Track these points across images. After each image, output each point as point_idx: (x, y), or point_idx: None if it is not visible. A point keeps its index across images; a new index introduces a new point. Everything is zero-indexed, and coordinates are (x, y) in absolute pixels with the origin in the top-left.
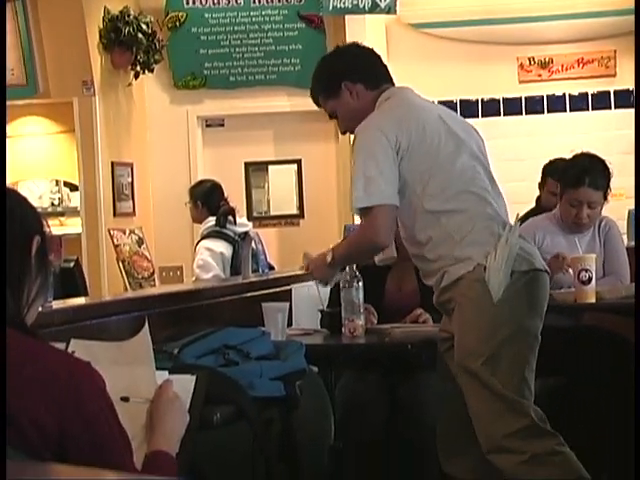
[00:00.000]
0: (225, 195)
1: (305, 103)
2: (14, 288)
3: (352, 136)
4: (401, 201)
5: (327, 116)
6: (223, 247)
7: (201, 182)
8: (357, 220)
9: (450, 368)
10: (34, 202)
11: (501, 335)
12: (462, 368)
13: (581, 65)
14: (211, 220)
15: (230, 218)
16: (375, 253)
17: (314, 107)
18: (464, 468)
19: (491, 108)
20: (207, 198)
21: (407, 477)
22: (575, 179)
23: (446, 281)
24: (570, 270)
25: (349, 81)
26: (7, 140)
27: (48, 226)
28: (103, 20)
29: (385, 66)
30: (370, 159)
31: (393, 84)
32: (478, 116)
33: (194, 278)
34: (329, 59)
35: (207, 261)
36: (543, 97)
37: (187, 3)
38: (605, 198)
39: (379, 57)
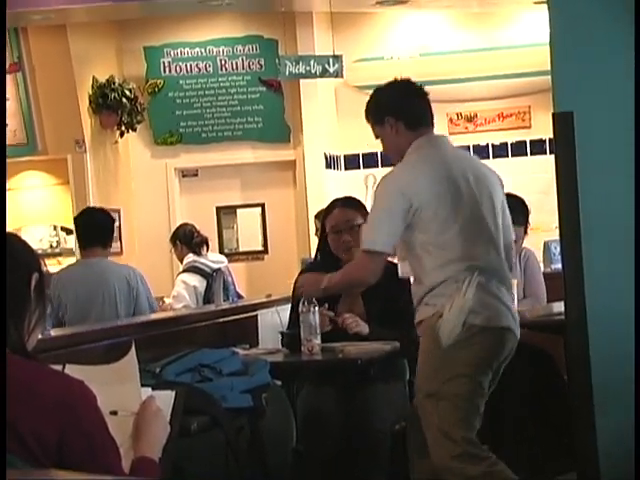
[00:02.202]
0: (197, 229)
1: (267, 155)
2: (16, 318)
3: (307, 183)
4: (409, 247)
5: (287, 166)
6: (197, 281)
7: (177, 228)
8: (313, 253)
9: None
10: (35, 245)
11: (445, 376)
12: (417, 395)
13: (501, 119)
14: (191, 256)
15: (204, 246)
16: (360, 288)
17: (276, 158)
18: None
19: None
20: (183, 237)
21: (360, 474)
22: None
23: (417, 318)
24: None
25: (392, 117)
26: (10, 192)
27: (45, 265)
28: (92, 87)
29: (428, 109)
30: (385, 212)
31: (432, 126)
32: None
33: (169, 306)
34: (382, 91)
35: (180, 293)
36: (470, 146)
37: (164, 71)
38: (525, 232)
39: (425, 99)
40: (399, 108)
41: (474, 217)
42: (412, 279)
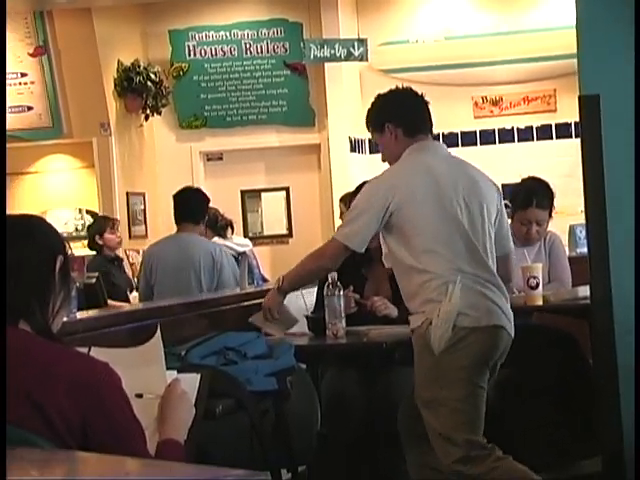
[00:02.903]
0: (221, 212)
1: (291, 139)
2: (41, 301)
3: (332, 167)
4: (394, 253)
5: (311, 149)
6: None
7: None
8: None
9: None
10: (60, 228)
11: (440, 383)
12: (416, 403)
13: (526, 102)
14: (216, 239)
15: (229, 229)
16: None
17: (300, 142)
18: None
19: (451, 140)
20: (207, 221)
21: (383, 458)
22: (524, 201)
23: (410, 327)
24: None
25: (392, 124)
26: (36, 175)
27: (70, 248)
28: (117, 71)
29: (428, 117)
30: (360, 212)
31: (428, 135)
32: None
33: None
34: (382, 98)
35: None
36: (495, 130)
37: (189, 55)
38: (550, 215)
39: (425, 107)
40: (399, 115)
41: (459, 220)
42: (399, 286)
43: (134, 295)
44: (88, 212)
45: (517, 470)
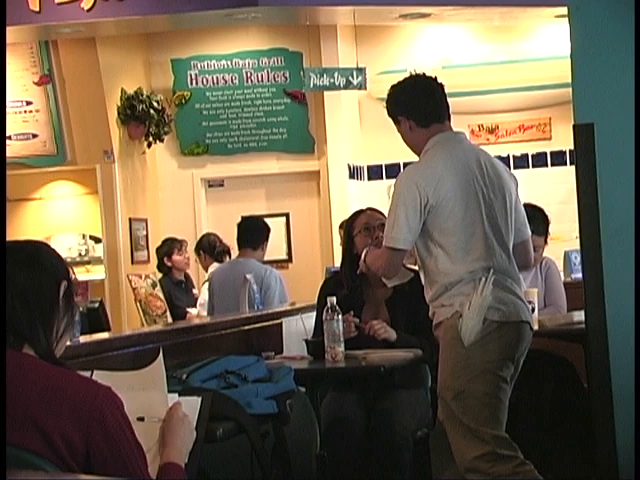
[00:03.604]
0: (220, 238)
1: (291, 165)
2: (45, 326)
3: (331, 193)
4: (424, 245)
5: (311, 176)
6: None
7: (201, 238)
8: (337, 262)
9: None
10: (64, 253)
11: (470, 374)
12: (440, 398)
13: (522, 130)
14: (215, 264)
15: (227, 255)
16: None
17: (300, 169)
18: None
19: None
20: (206, 247)
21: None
22: None
23: (435, 320)
24: None
25: (403, 116)
26: (40, 201)
27: (74, 273)
28: (120, 99)
29: (441, 104)
30: (402, 208)
31: (444, 122)
32: None
33: (196, 313)
34: (395, 91)
35: (207, 300)
36: None
37: (191, 83)
38: (545, 242)
39: (436, 94)
40: (408, 107)
41: (488, 217)
42: (423, 280)
43: (193, 311)
44: (92, 238)
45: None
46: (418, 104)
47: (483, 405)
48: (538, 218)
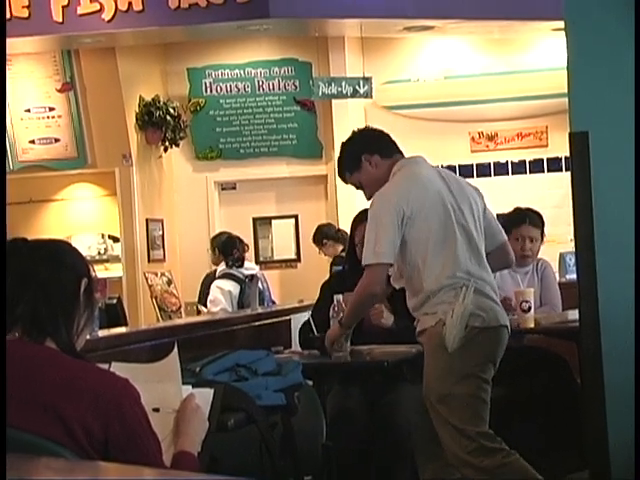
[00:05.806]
0: (245, 243)
1: (300, 170)
2: (67, 320)
3: (338, 197)
4: (404, 257)
5: (319, 180)
6: (231, 286)
7: (220, 234)
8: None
9: None
10: (84, 252)
11: (454, 379)
12: (426, 401)
13: (520, 138)
14: (223, 264)
15: (238, 263)
16: (374, 302)
17: (308, 173)
18: (438, 472)
19: None
20: (223, 247)
21: (386, 469)
22: (518, 219)
23: (419, 327)
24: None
25: (367, 153)
26: (62, 202)
27: (94, 270)
28: (138, 106)
29: (394, 142)
30: (380, 226)
31: (403, 154)
32: None
33: (207, 310)
34: (348, 143)
35: (217, 297)
36: (490, 164)
37: (206, 91)
38: (542, 237)
39: (387, 134)
40: (370, 143)
41: (461, 225)
42: (407, 292)
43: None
44: (110, 237)
45: (526, 470)
46: (380, 139)
47: (467, 406)
48: (534, 214)
